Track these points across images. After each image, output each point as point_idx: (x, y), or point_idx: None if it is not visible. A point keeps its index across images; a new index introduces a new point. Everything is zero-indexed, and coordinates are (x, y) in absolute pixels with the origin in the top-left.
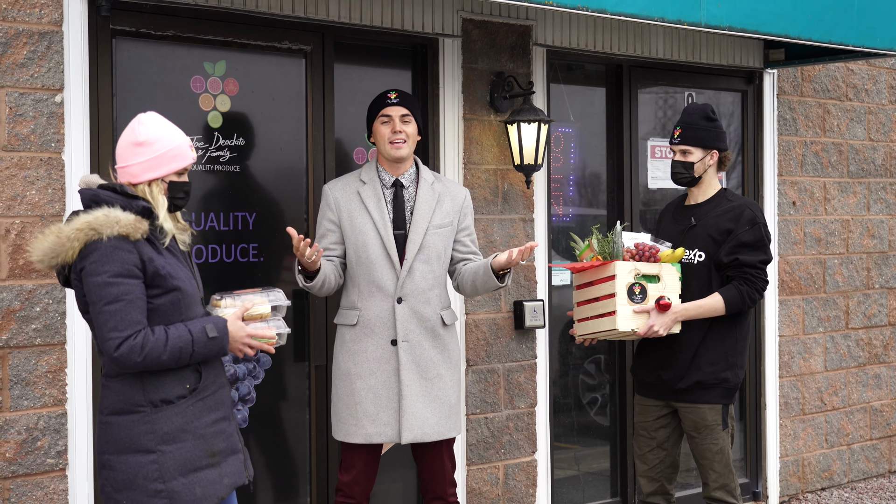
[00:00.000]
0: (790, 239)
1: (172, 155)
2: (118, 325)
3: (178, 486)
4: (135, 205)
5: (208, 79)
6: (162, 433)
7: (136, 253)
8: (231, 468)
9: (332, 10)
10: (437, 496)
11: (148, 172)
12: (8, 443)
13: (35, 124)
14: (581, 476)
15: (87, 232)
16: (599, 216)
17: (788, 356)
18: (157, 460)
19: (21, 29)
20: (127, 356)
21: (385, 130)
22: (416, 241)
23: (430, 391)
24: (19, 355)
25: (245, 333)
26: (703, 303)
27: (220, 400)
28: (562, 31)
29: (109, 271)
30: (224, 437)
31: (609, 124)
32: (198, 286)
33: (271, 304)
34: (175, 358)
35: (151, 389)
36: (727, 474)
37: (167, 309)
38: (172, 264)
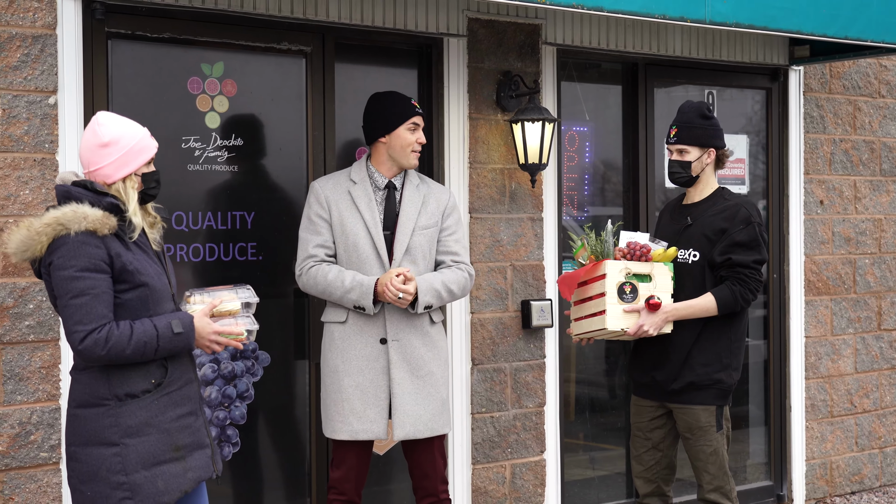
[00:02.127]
0: (817, 238)
1: (139, 148)
2: (83, 318)
3: (140, 479)
4: (103, 201)
5: (206, 80)
6: (126, 426)
7: (103, 248)
8: (196, 462)
9: (332, 11)
10: (428, 493)
11: (121, 170)
12: (1, 436)
13: (29, 126)
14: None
15: (55, 227)
16: (615, 215)
17: (815, 357)
18: (121, 453)
19: (14, 32)
20: (91, 349)
21: (412, 138)
22: (402, 241)
23: (422, 388)
24: (13, 351)
25: (212, 330)
26: (695, 303)
27: (186, 395)
28: (573, 30)
29: (76, 266)
30: (190, 431)
31: (625, 123)
32: (170, 283)
33: (241, 300)
34: (139, 352)
35: (116, 383)
36: (722, 476)
37: (135, 304)
38: (141, 260)
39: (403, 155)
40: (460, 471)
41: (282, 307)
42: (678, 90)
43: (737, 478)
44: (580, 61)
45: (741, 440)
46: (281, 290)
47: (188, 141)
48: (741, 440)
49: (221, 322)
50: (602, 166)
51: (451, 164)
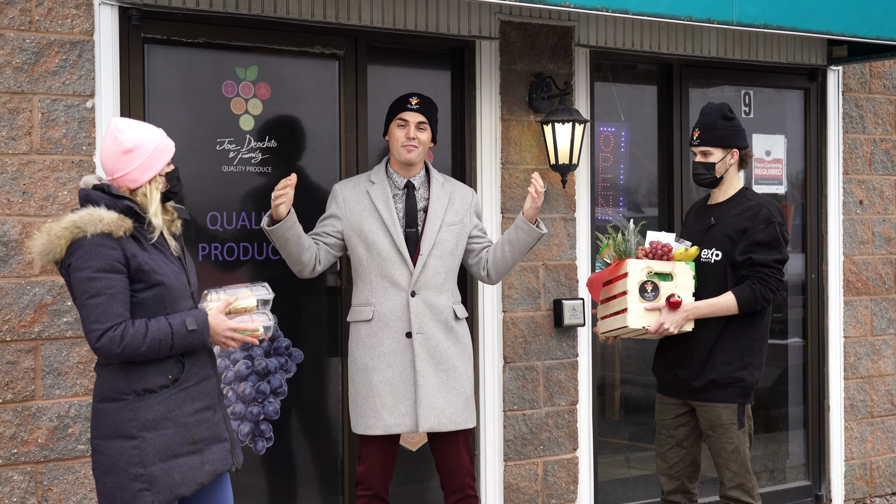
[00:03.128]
0: (857, 238)
1: (160, 150)
2: (100, 317)
3: (157, 472)
4: (119, 204)
5: (240, 83)
6: (144, 420)
7: (119, 249)
8: (214, 455)
9: (364, 15)
10: (455, 489)
11: (146, 173)
12: (40, 429)
13: (67, 129)
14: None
15: (72, 230)
16: (650, 216)
17: (854, 358)
18: (139, 446)
19: (53, 38)
20: (107, 347)
21: (400, 133)
22: (430, 237)
23: (446, 382)
24: (51, 347)
25: (227, 326)
26: (715, 301)
27: (203, 390)
28: (606, 32)
29: (93, 266)
30: (207, 425)
31: (660, 124)
32: (189, 281)
33: (257, 297)
34: (155, 349)
35: (135, 379)
36: (743, 473)
37: (151, 303)
38: (157, 260)
39: (396, 149)
40: (492, 467)
41: (314, 305)
42: (714, 91)
43: (774, 478)
44: (615, 62)
45: (780, 441)
46: (313, 288)
47: (223, 143)
48: (780, 441)
49: (237, 319)
50: (637, 167)
51: (483, 165)
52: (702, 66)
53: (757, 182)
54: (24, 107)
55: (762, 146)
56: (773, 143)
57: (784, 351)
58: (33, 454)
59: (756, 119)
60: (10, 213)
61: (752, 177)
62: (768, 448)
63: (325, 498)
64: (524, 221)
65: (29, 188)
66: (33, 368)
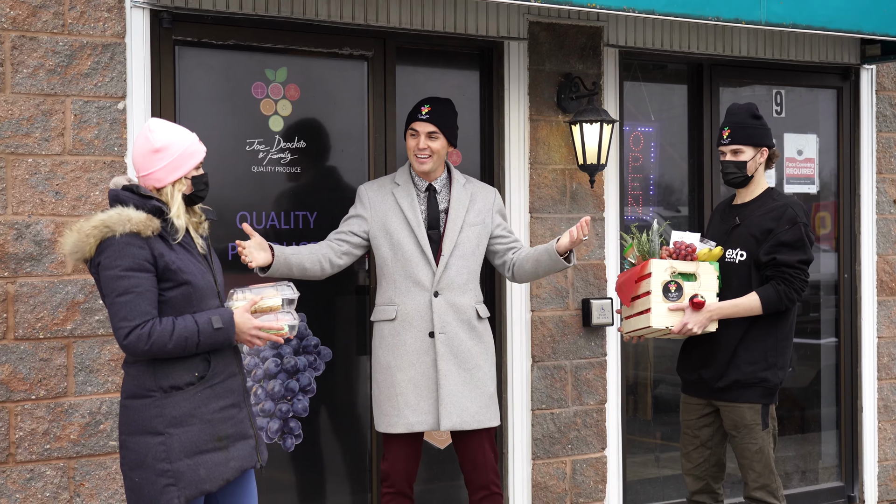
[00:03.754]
0: (890, 238)
1: (189, 153)
2: (127, 315)
3: (183, 467)
4: (147, 204)
5: (269, 85)
6: (170, 417)
7: (147, 249)
8: (239, 452)
9: (393, 17)
10: (480, 486)
11: (172, 174)
12: (73, 425)
13: (99, 130)
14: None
15: (101, 229)
16: (680, 216)
17: (888, 358)
18: (165, 442)
19: (86, 41)
20: (134, 344)
21: (412, 143)
22: (451, 237)
23: (469, 380)
24: (83, 344)
25: (252, 325)
26: (739, 302)
27: (229, 388)
28: (635, 32)
29: (121, 265)
30: (233, 423)
31: (690, 123)
32: (215, 281)
33: (282, 297)
34: (181, 347)
35: (161, 376)
36: (767, 474)
37: (178, 301)
38: (184, 259)
39: (411, 159)
40: (520, 466)
41: (343, 304)
42: (745, 90)
43: (807, 478)
44: (645, 62)
45: (813, 441)
46: (342, 287)
47: (252, 143)
48: (813, 441)
49: (262, 318)
50: (667, 166)
51: (512, 165)
52: (733, 66)
53: (788, 181)
54: (58, 108)
55: (794, 146)
56: (805, 143)
57: (817, 351)
58: (66, 450)
59: (788, 118)
60: (44, 213)
61: (784, 176)
62: (801, 449)
63: (353, 495)
64: (555, 251)
65: (62, 188)
66: (66, 366)
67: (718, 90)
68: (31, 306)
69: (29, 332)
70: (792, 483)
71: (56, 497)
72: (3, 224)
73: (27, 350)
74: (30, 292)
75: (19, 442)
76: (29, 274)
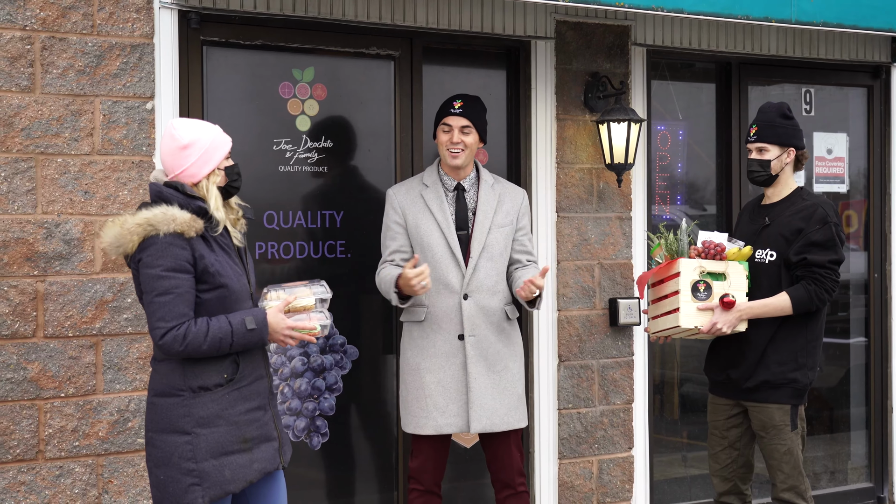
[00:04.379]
0: None
1: (217, 144)
2: (165, 315)
3: (209, 468)
4: (192, 204)
5: (297, 85)
6: (198, 417)
7: (188, 249)
8: (263, 454)
9: (419, 17)
10: (506, 485)
11: (204, 168)
12: (101, 423)
13: (127, 130)
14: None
15: (145, 227)
16: (708, 216)
17: None
18: (192, 441)
19: (114, 42)
20: (170, 345)
21: (444, 138)
22: (480, 239)
23: (499, 383)
24: (112, 342)
25: (285, 325)
26: (769, 301)
27: (256, 391)
28: (663, 31)
29: (163, 265)
30: (258, 425)
31: (718, 122)
32: (249, 282)
33: (315, 296)
34: (215, 347)
35: (191, 376)
36: (796, 476)
37: (213, 303)
38: (222, 262)
39: (443, 154)
40: (546, 465)
41: (370, 303)
42: (774, 89)
43: (836, 479)
44: (673, 61)
45: (842, 442)
46: (369, 286)
47: (279, 143)
48: (842, 442)
49: (295, 317)
50: (695, 165)
51: (539, 164)
52: (761, 64)
53: (818, 181)
54: (86, 108)
55: (823, 144)
56: (834, 142)
57: (846, 351)
58: (94, 447)
59: (817, 117)
60: (73, 213)
61: (813, 175)
62: (830, 449)
63: (380, 493)
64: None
65: (90, 188)
66: (94, 363)
67: (747, 89)
68: (61, 305)
69: (58, 331)
70: (821, 483)
71: (85, 494)
72: (32, 223)
73: (56, 348)
74: (59, 291)
75: (48, 439)
76: (58, 273)
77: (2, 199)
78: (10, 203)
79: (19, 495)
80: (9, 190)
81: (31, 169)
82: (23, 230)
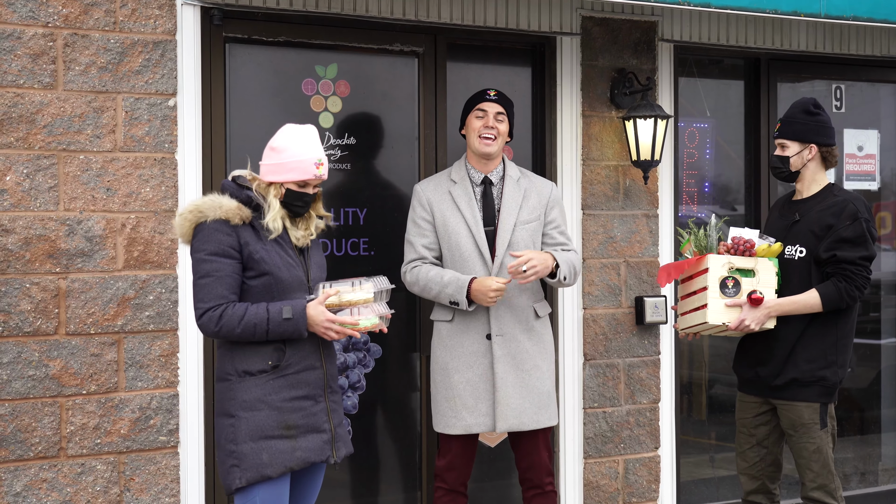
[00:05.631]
0: None
1: (293, 167)
2: (204, 297)
3: (247, 450)
4: (242, 194)
5: (320, 81)
6: (241, 400)
7: (234, 236)
8: (308, 444)
9: (444, 13)
10: (534, 485)
11: (270, 175)
12: (123, 420)
13: (149, 127)
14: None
15: (196, 213)
16: (736, 214)
17: None
18: (235, 424)
19: (136, 39)
20: (206, 325)
21: (478, 124)
22: (504, 237)
23: (527, 382)
24: (133, 340)
25: (325, 318)
26: (798, 298)
27: (304, 380)
28: (690, 26)
29: (206, 249)
30: (304, 414)
31: (747, 119)
32: (308, 276)
33: (366, 292)
34: (250, 332)
35: (239, 360)
36: (825, 474)
37: (259, 290)
38: (270, 251)
39: (474, 142)
40: (571, 465)
41: (393, 301)
42: (804, 85)
43: (865, 480)
44: (700, 57)
45: (872, 443)
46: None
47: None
48: (872, 443)
49: (340, 312)
50: (723, 163)
51: (564, 161)
52: (791, 60)
53: (848, 178)
54: (109, 105)
55: (854, 141)
56: (865, 139)
57: (877, 351)
58: (116, 445)
59: (848, 114)
60: (95, 210)
61: (843, 173)
62: (860, 450)
63: (404, 493)
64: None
65: (113, 185)
66: (116, 361)
67: (776, 85)
68: (83, 302)
69: (80, 328)
70: (851, 485)
71: (106, 491)
72: (55, 220)
73: (78, 345)
74: (81, 288)
75: (70, 436)
76: (80, 270)
77: (24, 197)
78: (33, 200)
79: (41, 492)
80: (31, 187)
81: (53, 166)
82: (45, 227)
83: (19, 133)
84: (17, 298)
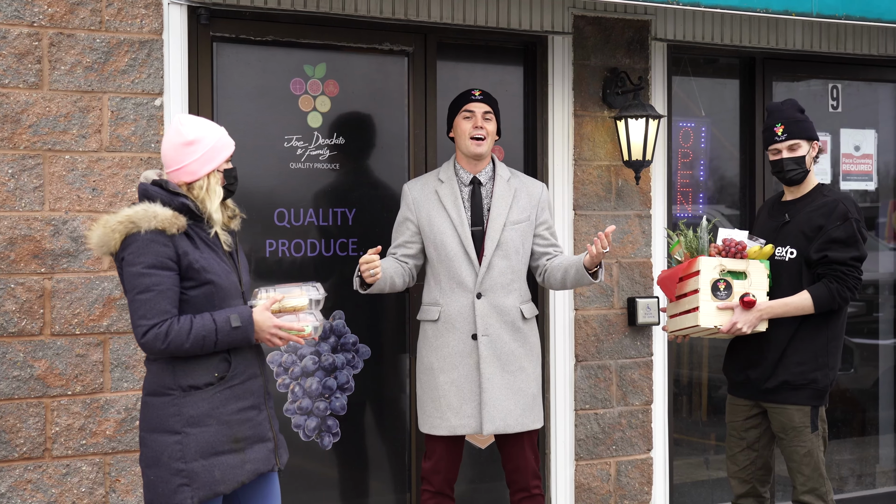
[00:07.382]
0: None
1: (221, 145)
2: (147, 313)
3: (198, 468)
4: (175, 201)
5: (308, 81)
6: (188, 416)
7: (171, 246)
8: (256, 455)
9: (434, 12)
10: (521, 488)
11: (206, 166)
12: (108, 421)
13: (136, 126)
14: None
15: (127, 224)
16: (731, 214)
17: None
18: (181, 441)
19: (123, 38)
20: (152, 343)
21: (467, 126)
22: (493, 237)
23: (513, 384)
24: (119, 340)
25: (272, 324)
26: (790, 300)
27: (249, 389)
28: (684, 26)
29: (144, 262)
30: (251, 425)
31: (742, 119)
32: (240, 280)
33: (308, 298)
34: (199, 346)
35: (181, 375)
36: (816, 478)
37: (200, 301)
38: (208, 258)
39: (464, 143)
40: (563, 467)
41: (382, 302)
42: (800, 85)
43: (863, 482)
44: (695, 56)
45: (870, 445)
46: None
47: (290, 140)
48: (870, 445)
49: (284, 318)
50: (717, 163)
51: (556, 161)
52: (786, 60)
53: (845, 178)
54: (95, 105)
55: (851, 141)
56: (862, 138)
57: (875, 352)
58: (101, 445)
59: (844, 113)
60: (80, 210)
61: (840, 172)
62: (858, 452)
63: (393, 494)
64: (582, 266)
65: (98, 185)
66: (102, 361)
67: (771, 85)
68: (68, 302)
69: (65, 328)
70: (848, 487)
71: (92, 492)
72: (40, 220)
73: (63, 346)
74: (66, 288)
75: (55, 437)
76: (65, 270)
77: (9, 197)
78: (18, 200)
79: (26, 493)
80: (16, 187)
81: (38, 166)
82: (30, 227)
83: (4, 133)
84: (1, 299)
